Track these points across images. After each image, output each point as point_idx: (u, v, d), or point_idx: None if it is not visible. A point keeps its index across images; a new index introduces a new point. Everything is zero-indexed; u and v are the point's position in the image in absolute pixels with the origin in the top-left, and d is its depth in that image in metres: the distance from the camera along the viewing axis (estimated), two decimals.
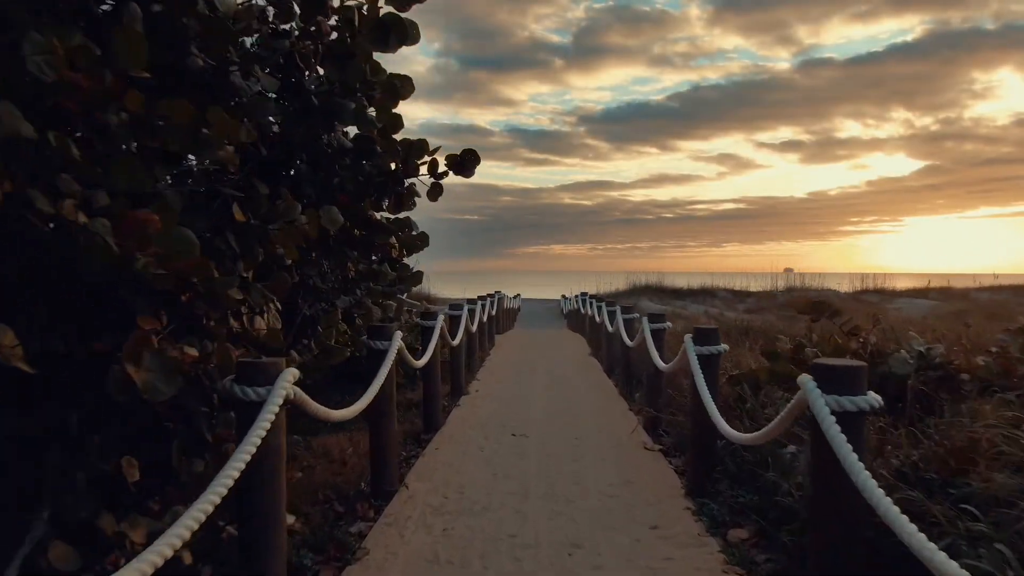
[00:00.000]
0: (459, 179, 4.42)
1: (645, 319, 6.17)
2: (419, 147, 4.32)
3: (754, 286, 27.79)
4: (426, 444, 5.46)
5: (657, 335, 5.95)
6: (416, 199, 4.56)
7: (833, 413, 2.28)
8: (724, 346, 4.34)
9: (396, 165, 4.35)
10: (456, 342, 7.59)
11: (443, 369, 6.77)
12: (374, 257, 4.98)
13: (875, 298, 26.28)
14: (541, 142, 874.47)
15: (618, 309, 8.57)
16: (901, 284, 28.71)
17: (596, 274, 32.14)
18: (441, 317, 6.44)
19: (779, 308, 23.32)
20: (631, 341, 7.17)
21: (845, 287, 28.64)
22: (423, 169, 4.38)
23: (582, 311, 16.32)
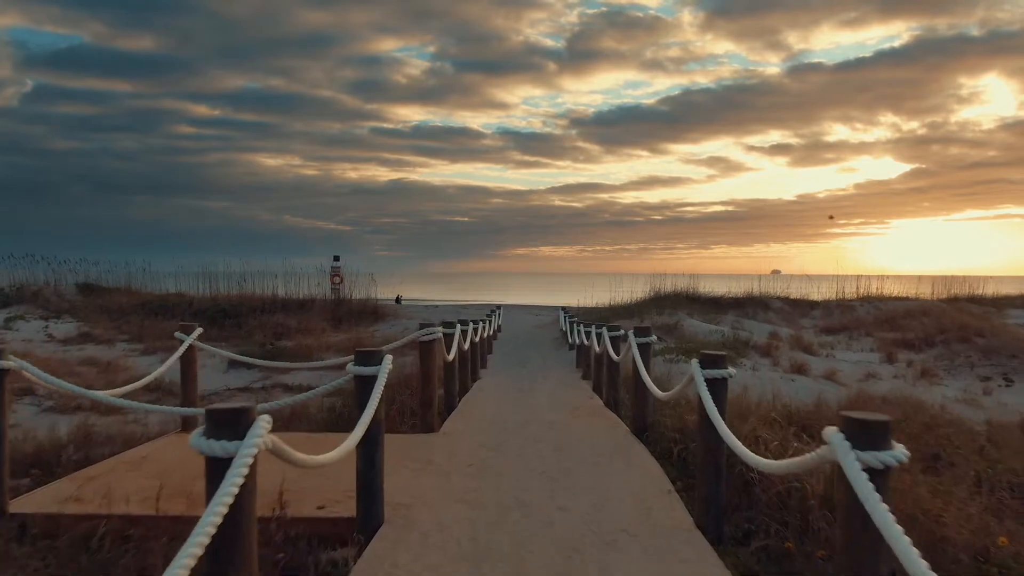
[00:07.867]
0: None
1: None
2: None
3: (814, 293, 21.54)
4: None
5: None
6: None
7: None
8: None
9: None
10: None
11: None
12: None
13: (976, 308, 20.07)
14: (533, 145, 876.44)
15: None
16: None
17: (607, 276, 25.37)
18: None
19: (872, 326, 17.04)
20: None
21: (919, 291, 22.48)
22: None
23: (640, 374, 6.36)
